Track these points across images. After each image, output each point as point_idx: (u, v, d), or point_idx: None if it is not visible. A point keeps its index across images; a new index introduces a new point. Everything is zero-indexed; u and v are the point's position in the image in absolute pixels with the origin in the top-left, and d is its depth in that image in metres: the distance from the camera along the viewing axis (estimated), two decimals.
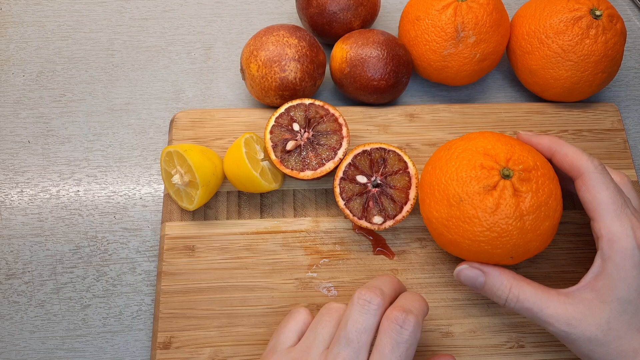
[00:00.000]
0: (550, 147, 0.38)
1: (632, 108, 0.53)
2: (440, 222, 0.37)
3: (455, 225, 0.36)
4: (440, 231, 0.37)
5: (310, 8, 0.50)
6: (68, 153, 0.49)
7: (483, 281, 0.36)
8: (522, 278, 0.36)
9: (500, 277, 0.36)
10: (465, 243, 0.36)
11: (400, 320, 0.33)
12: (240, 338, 0.41)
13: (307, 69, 0.46)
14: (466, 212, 0.35)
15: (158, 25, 0.56)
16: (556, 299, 0.34)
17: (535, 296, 0.35)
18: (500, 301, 0.36)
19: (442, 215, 0.37)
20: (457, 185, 0.36)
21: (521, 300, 0.35)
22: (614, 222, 0.34)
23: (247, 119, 0.48)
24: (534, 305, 0.34)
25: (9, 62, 0.53)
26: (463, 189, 0.36)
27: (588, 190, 0.35)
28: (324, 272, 0.43)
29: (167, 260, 0.43)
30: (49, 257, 0.45)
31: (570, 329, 0.33)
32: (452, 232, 0.36)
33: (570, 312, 0.34)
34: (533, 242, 0.36)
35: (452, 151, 0.38)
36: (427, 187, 0.38)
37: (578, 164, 0.36)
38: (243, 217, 0.45)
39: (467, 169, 0.36)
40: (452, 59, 0.47)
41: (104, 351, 0.42)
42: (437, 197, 0.37)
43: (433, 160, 0.39)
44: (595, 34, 0.45)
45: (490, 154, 0.37)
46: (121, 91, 0.52)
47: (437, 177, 0.37)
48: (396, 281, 0.38)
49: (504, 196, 0.35)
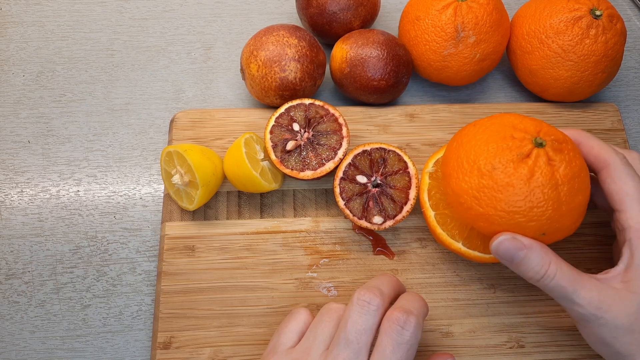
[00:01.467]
0: (576, 138, 0.38)
1: (632, 108, 0.53)
2: (470, 194, 0.35)
3: (488, 196, 0.34)
4: (469, 204, 0.35)
5: (310, 8, 0.50)
6: (68, 153, 0.49)
7: (523, 255, 0.34)
8: (559, 257, 0.35)
9: (541, 251, 0.34)
10: (497, 215, 0.34)
11: (401, 321, 0.33)
12: (240, 338, 0.41)
13: (307, 69, 0.46)
14: (500, 180, 0.34)
15: (158, 25, 0.56)
16: (590, 282, 0.34)
17: (571, 276, 0.34)
18: (536, 276, 0.34)
19: (473, 186, 0.35)
20: (489, 155, 0.35)
21: (557, 278, 0.34)
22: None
23: (247, 119, 0.48)
24: (569, 285, 0.34)
25: (9, 62, 0.53)
26: (495, 158, 0.34)
27: (614, 182, 0.35)
28: (324, 272, 0.43)
29: (167, 260, 0.43)
30: (49, 257, 0.45)
31: (601, 312, 0.33)
32: (483, 204, 0.35)
33: (603, 296, 0.33)
34: (566, 217, 0.34)
35: (479, 127, 0.37)
36: (454, 161, 0.36)
37: (605, 156, 0.36)
38: (243, 217, 0.45)
39: (498, 139, 0.35)
40: (452, 59, 0.47)
41: (104, 351, 0.42)
42: (466, 169, 0.35)
43: (459, 136, 0.38)
44: (595, 34, 0.45)
45: (519, 127, 0.35)
46: (121, 91, 0.52)
47: (466, 150, 0.36)
48: (395, 281, 0.38)
49: (538, 164, 0.34)
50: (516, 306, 0.42)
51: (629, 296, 0.33)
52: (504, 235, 0.35)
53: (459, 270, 0.43)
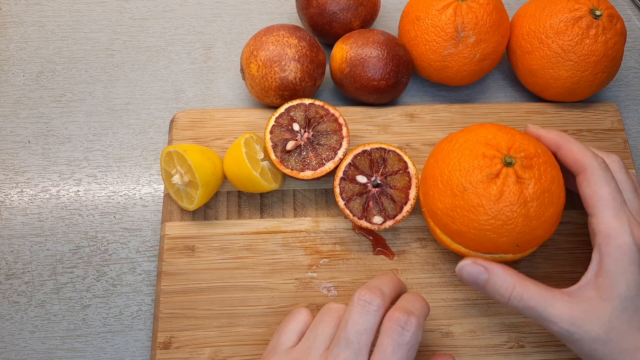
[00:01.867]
0: (557, 141, 0.38)
1: (632, 108, 0.53)
2: (444, 213, 0.37)
3: (460, 215, 0.36)
4: (445, 222, 0.37)
5: (310, 8, 0.50)
6: (68, 153, 0.49)
7: (485, 278, 0.35)
8: (525, 277, 0.36)
9: (503, 274, 0.35)
10: (470, 232, 0.36)
11: (402, 321, 0.33)
12: (240, 338, 0.41)
13: (307, 69, 0.46)
14: (470, 201, 0.35)
15: (158, 25, 0.56)
16: (560, 298, 0.34)
17: (539, 295, 0.34)
18: (503, 299, 0.35)
19: (447, 205, 0.37)
20: (460, 175, 0.36)
21: (525, 299, 0.34)
22: (612, 218, 0.34)
23: (247, 119, 0.48)
24: (538, 304, 0.34)
25: (9, 62, 0.53)
26: (466, 179, 0.36)
27: (589, 186, 0.35)
28: (324, 272, 0.43)
29: (167, 260, 0.43)
30: (49, 257, 0.45)
31: (574, 328, 0.33)
32: (457, 222, 0.36)
33: (574, 311, 0.33)
34: (538, 230, 0.36)
35: (454, 143, 0.38)
36: (430, 179, 0.38)
37: (582, 160, 0.36)
38: (243, 217, 0.45)
39: (470, 158, 0.36)
40: (452, 59, 0.47)
41: (104, 351, 0.42)
42: (440, 188, 0.37)
43: (435, 153, 0.39)
44: (595, 34, 0.45)
45: (492, 143, 0.37)
46: (121, 91, 0.52)
47: (440, 169, 0.37)
48: (396, 280, 0.38)
49: (507, 183, 0.35)
50: None
51: (601, 305, 0.33)
52: (465, 260, 0.36)
53: None
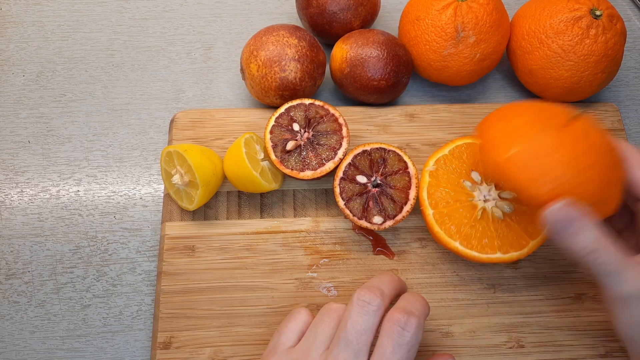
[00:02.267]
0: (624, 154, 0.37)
1: (632, 108, 0.53)
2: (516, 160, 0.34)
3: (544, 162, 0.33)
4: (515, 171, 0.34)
5: (310, 8, 0.50)
6: (68, 153, 0.49)
7: (579, 226, 0.32)
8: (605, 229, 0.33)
9: (595, 226, 0.33)
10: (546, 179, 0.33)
11: (402, 322, 0.33)
12: (240, 338, 0.41)
13: (307, 69, 0.46)
14: (549, 142, 0.34)
15: (158, 25, 0.56)
16: (635, 260, 0.33)
17: (617, 254, 0.32)
18: (584, 251, 0.32)
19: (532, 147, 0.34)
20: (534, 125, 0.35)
21: (604, 255, 0.32)
22: None
23: (247, 119, 0.48)
24: (616, 263, 0.32)
25: (9, 62, 0.53)
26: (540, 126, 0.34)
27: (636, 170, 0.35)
28: (324, 272, 0.43)
29: (167, 260, 0.43)
30: (49, 257, 0.45)
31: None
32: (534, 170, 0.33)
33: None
34: (611, 187, 0.34)
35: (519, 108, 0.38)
36: (498, 132, 0.36)
37: (621, 147, 0.36)
38: (243, 217, 0.45)
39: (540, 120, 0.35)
40: (452, 59, 0.47)
41: (104, 351, 0.42)
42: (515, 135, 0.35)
43: (498, 114, 0.38)
44: (595, 34, 0.45)
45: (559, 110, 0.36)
46: (121, 91, 0.52)
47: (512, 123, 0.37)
48: (396, 279, 0.38)
49: None
50: (516, 306, 0.42)
51: None
52: (564, 200, 0.32)
53: (459, 270, 0.43)
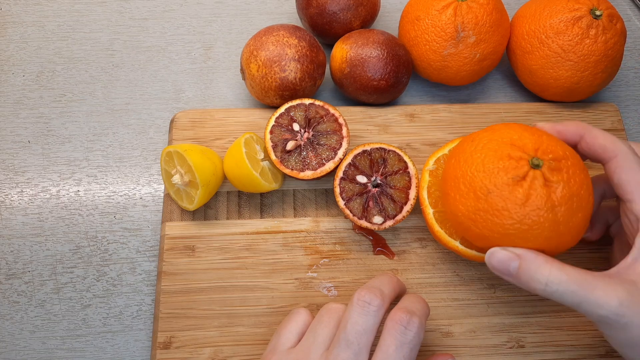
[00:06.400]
0: (578, 131, 0.37)
1: (632, 108, 0.53)
2: (466, 216, 0.35)
3: (484, 219, 0.34)
4: (466, 225, 0.36)
5: (310, 8, 0.50)
6: (68, 153, 0.49)
7: (517, 265, 0.33)
8: (559, 261, 0.33)
9: (537, 258, 0.33)
10: (494, 237, 0.34)
11: (404, 320, 0.33)
12: (240, 338, 0.41)
13: (307, 69, 0.46)
14: (495, 204, 0.34)
15: (158, 25, 0.56)
16: (602, 280, 0.31)
17: (580, 277, 0.31)
18: (540, 286, 0.32)
19: (469, 208, 0.35)
20: (485, 177, 0.34)
21: (564, 282, 0.31)
22: None
23: (247, 119, 0.48)
24: (580, 288, 0.31)
25: (9, 62, 0.53)
26: (491, 181, 0.34)
27: (624, 172, 0.34)
28: (324, 272, 0.43)
29: (167, 260, 0.43)
30: (49, 257, 0.45)
31: (623, 310, 0.30)
32: (479, 226, 0.35)
33: (620, 293, 0.31)
34: (566, 236, 0.34)
35: (477, 142, 0.37)
36: (451, 181, 0.36)
37: (611, 146, 0.35)
38: (243, 217, 0.45)
39: (494, 159, 0.35)
40: (452, 59, 0.47)
41: (104, 351, 0.42)
42: (462, 190, 0.35)
43: (456, 152, 0.38)
44: (595, 34, 0.45)
45: (518, 144, 0.35)
46: (121, 91, 0.52)
47: (462, 170, 0.36)
48: (396, 280, 0.38)
49: (534, 187, 0.33)
50: (516, 306, 0.42)
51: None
52: (494, 247, 0.34)
53: (459, 270, 0.43)
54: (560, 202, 0.33)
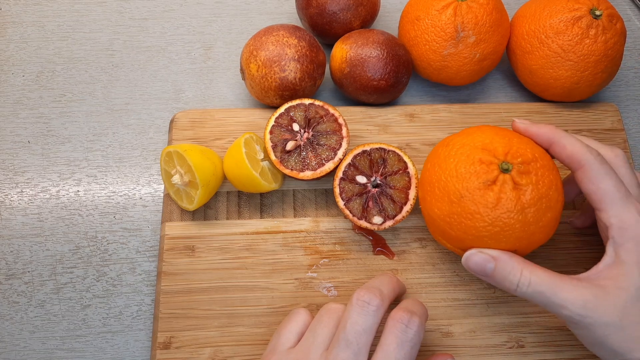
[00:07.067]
0: (549, 137, 0.37)
1: (632, 108, 0.53)
2: (442, 219, 0.37)
3: (458, 222, 0.36)
4: (442, 228, 0.37)
5: (310, 8, 0.50)
6: (68, 153, 0.49)
7: (493, 267, 0.35)
8: (532, 263, 0.35)
9: (510, 260, 0.35)
10: (468, 239, 0.36)
11: (405, 319, 0.33)
12: (240, 338, 0.41)
13: (307, 69, 0.46)
14: (467, 208, 0.35)
15: (158, 25, 0.56)
16: (570, 283, 0.33)
17: (549, 279, 0.34)
18: (512, 286, 0.34)
19: (444, 212, 0.37)
20: (457, 182, 0.36)
21: (534, 284, 0.34)
22: (622, 210, 0.34)
23: (247, 119, 0.48)
24: (548, 289, 0.33)
25: (9, 62, 0.53)
26: (463, 185, 0.36)
27: (591, 182, 0.35)
28: (324, 272, 0.43)
29: (167, 260, 0.43)
30: (49, 257, 0.45)
31: (586, 312, 0.32)
32: (454, 228, 0.36)
33: (586, 295, 0.33)
34: (536, 235, 0.36)
35: (450, 147, 0.38)
36: (427, 185, 0.38)
37: (577, 156, 0.36)
38: (243, 217, 0.45)
39: (466, 164, 0.36)
40: (452, 59, 0.47)
41: (104, 351, 0.42)
42: (437, 195, 0.37)
43: (432, 157, 0.39)
44: (595, 34, 0.45)
45: (489, 148, 0.37)
46: (121, 91, 0.52)
47: (437, 175, 0.37)
48: (395, 280, 0.38)
49: (504, 190, 0.35)
50: (516, 306, 0.42)
51: (616, 292, 0.33)
52: (471, 250, 0.36)
53: (459, 270, 0.43)
54: (529, 203, 0.35)
